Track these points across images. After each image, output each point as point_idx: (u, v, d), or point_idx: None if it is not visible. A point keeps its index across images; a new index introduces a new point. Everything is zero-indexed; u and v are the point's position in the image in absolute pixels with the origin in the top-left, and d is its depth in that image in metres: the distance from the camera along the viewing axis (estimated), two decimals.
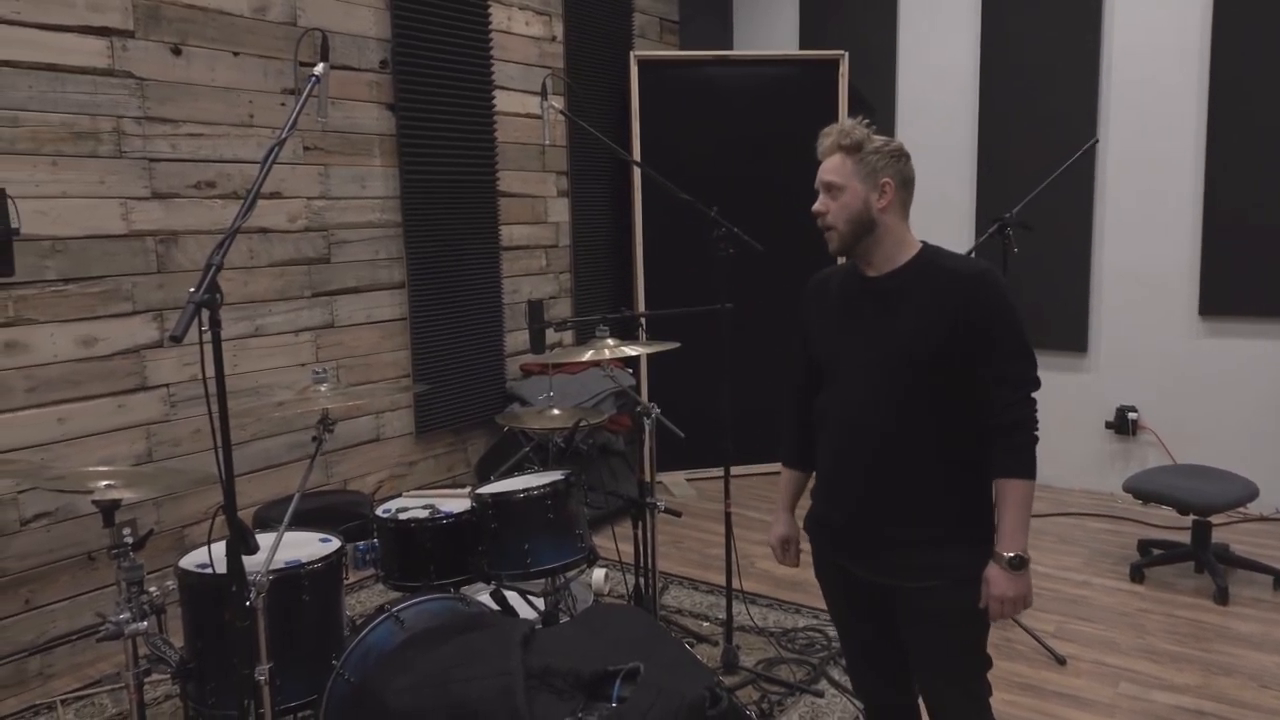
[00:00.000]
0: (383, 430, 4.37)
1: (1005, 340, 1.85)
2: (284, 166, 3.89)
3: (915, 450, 1.89)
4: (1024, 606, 1.88)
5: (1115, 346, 4.98)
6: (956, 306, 1.84)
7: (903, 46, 5.45)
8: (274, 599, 2.17)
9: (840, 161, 1.94)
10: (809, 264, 5.93)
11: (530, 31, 5.02)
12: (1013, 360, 1.86)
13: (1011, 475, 1.85)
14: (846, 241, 1.95)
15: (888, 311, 1.92)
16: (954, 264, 1.92)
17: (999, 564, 1.85)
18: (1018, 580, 1.85)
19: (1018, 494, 1.85)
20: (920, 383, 1.87)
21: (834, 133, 1.96)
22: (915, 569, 1.90)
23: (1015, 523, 1.85)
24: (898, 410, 1.89)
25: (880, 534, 1.94)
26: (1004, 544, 1.85)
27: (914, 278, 1.92)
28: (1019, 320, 1.87)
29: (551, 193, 5.22)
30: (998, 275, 1.90)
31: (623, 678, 1.84)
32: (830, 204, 1.95)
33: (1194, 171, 4.69)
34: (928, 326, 1.86)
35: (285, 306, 3.93)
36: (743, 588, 3.64)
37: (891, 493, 1.92)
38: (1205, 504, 3.76)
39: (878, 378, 1.91)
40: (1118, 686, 3.08)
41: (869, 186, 1.92)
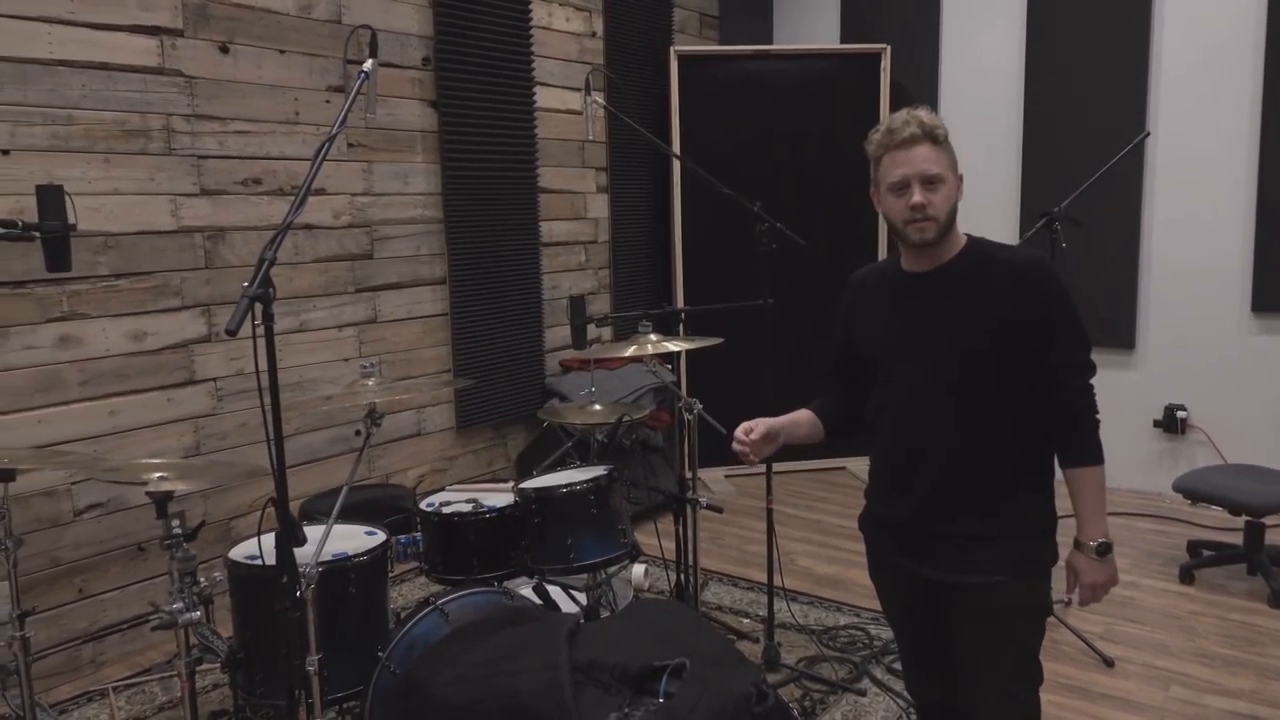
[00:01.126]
0: (424, 425, 4.41)
1: (1066, 328, 1.84)
2: (328, 163, 3.92)
3: (976, 445, 1.87)
4: (1110, 588, 1.91)
5: (1164, 344, 4.89)
6: (1012, 296, 1.82)
7: (946, 39, 5.38)
8: (322, 591, 2.19)
9: (936, 153, 1.86)
10: (850, 259, 5.86)
11: (570, 27, 5.02)
12: (1074, 348, 1.84)
13: (1084, 463, 1.85)
14: (943, 234, 1.88)
15: (941, 305, 1.89)
16: (1006, 254, 1.89)
17: (1085, 552, 1.86)
18: (1105, 566, 1.87)
19: (1092, 480, 1.85)
20: (978, 376, 1.85)
21: (915, 122, 1.85)
22: (978, 565, 1.87)
23: (1094, 509, 1.86)
24: (956, 405, 1.87)
25: (942, 531, 1.91)
26: (1087, 531, 1.86)
27: (965, 270, 1.89)
28: (1076, 307, 1.86)
29: (591, 189, 5.22)
30: (1051, 263, 1.87)
31: (670, 673, 1.84)
32: (930, 195, 1.85)
33: (1247, 164, 4.58)
34: (983, 318, 1.83)
35: (329, 302, 3.97)
36: (784, 585, 3.62)
37: (954, 489, 1.89)
38: (1259, 505, 3.68)
39: (935, 373, 1.88)
40: (1168, 690, 3.03)
41: (955, 179, 1.90)
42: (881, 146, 1.88)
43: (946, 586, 1.91)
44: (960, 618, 1.93)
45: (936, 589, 1.93)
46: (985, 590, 1.86)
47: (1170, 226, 4.82)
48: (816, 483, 5.23)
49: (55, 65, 3.11)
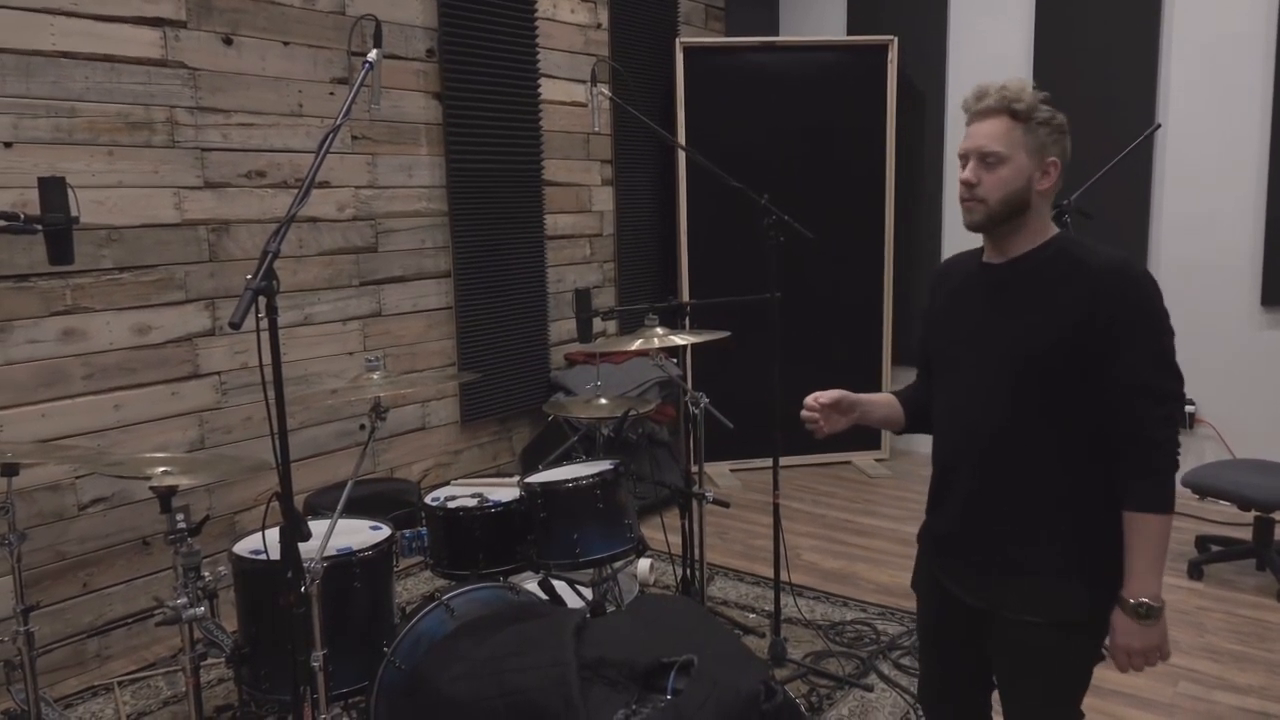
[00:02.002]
0: (428, 419, 4.39)
1: (1143, 344, 1.62)
2: (332, 156, 3.91)
3: (1024, 462, 1.70)
4: (1158, 659, 1.66)
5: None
6: (1083, 301, 1.62)
7: (953, 31, 5.34)
8: (327, 586, 2.18)
9: (1007, 128, 1.67)
10: (857, 252, 5.88)
11: (575, 19, 4.99)
12: (1153, 370, 1.62)
13: (1146, 509, 1.61)
14: (994, 219, 1.69)
15: (1006, 303, 1.72)
16: (1086, 254, 1.66)
17: (1125, 611, 1.63)
18: (1147, 631, 1.63)
19: (1150, 530, 1.60)
20: (1037, 385, 1.67)
21: (994, 93, 1.69)
22: (1018, 599, 1.70)
23: (1146, 563, 1.61)
24: (1011, 414, 1.70)
25: (985, 551, 1.75)
26: (1131, 587, 1.62)
27: (1040, 267, 1.69)
28: (1161, 325, 1.64)
29: (596, 181, 5.20)
30: (1140, 271, 1.65)
31: (678, 670, 1.82)
32: (984, 174, 1.68)
33: (1258, 157, 4.54)
34: (1047, 321, 1.65)
35: (333, 295, 3.95)
36: (790, 580, 3.61)
37: (1001, 507, 1.72)
38: (1268, 500, 3.66)
39: (991, 376, 1.72)
40: (1177, 686, 3.01)
41: (1035, 163, 1.67)
42: (967, 116, 1.75)
43: (985, 612, 1.76)
44: (995, 647, 1.78)
45: (975, 612, 1.78)
46: (1019, 627, 1.70)
47: (1180, 220, 4.78)
48: (823, 477, 5.22)
49: (58, 57, 3.10)
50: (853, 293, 5.41)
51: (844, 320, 5.42)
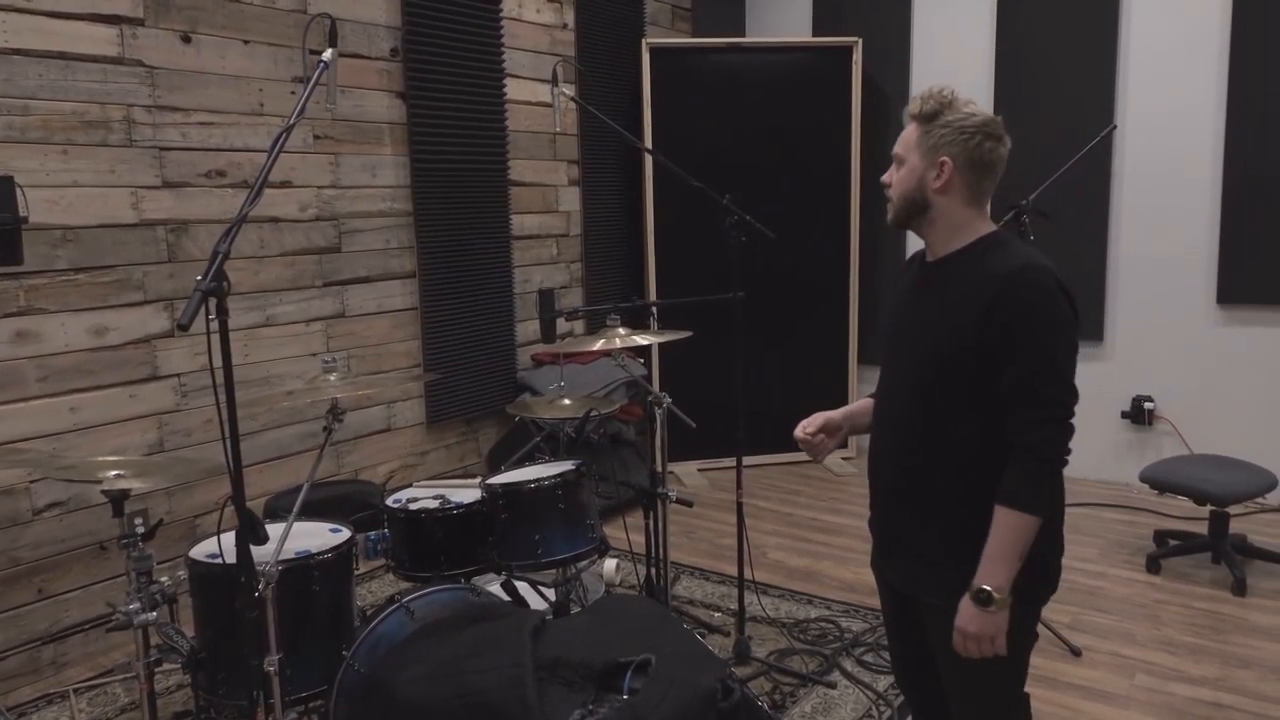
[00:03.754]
0: (394, 420, 4.37)
1: (1030, 351, 1.65)
2: (294, 155, 3.88)
3: (937, 456, 1.76)
4: (993, 651, 1.70)
5: (1132, 335, 4.93)
6: (984, 305, 1.66)
7: (917, 32, 5.39)
8: (284, 589, 2.16)
9: (913, 131, 1.79)
10: (824, 251, 5.92)
11: (541, 19, 4.98)
12: (1037, 376, 1.65)
13: (1008, 503, 1.66)
14: (898, 217, 1.83)
15: (928, 302, 1.80)
16: (998, 258, 1.71)
17: (968, 593, 1.69)
18: (984, 618, 1.67)
19: (1008, 524, 1.66)
20: (945, 383, 1.73)
21: (918, 99, 1.80)
22: (926, 582, 1.81)
23: (994, 552, 1.66)
24: (923, 410, 1.77)
25: (901, 540, 1.86)
26: (978, 573, 1.68)
27: (957, 269, 1.76)
28: (1055, 333, 1.67)
29: (562, 181, 5.19)
30: (1043, 276, 1.68)
31: (634, 669, 1.83)
32: (893, 174, 1.82)
33: (1212, 158, 4.62)
34: (955, 323, 1.70)
35: (296, 296, 3.92)
36: (754, 578, 3.63)
37: (910, 498, 1.82)
38: (1223, 494, 3.72)
39: (909, 372, 1.81)
40: (1134, 678, 3.05)
41: (927, 163, 1.76)
42: None
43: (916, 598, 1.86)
44: (930, 632, 1.85)
45: (906, 596, 1.89)
46: (934, 612, 1.80)
47: (1138, 219, 4.86)
48: (790, 475, 5.24)
49: (10, 54, 3.04)
50: (819, 292, 5.44)
51: (810, 319, 5.45)
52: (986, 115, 1.77)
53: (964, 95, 1.80)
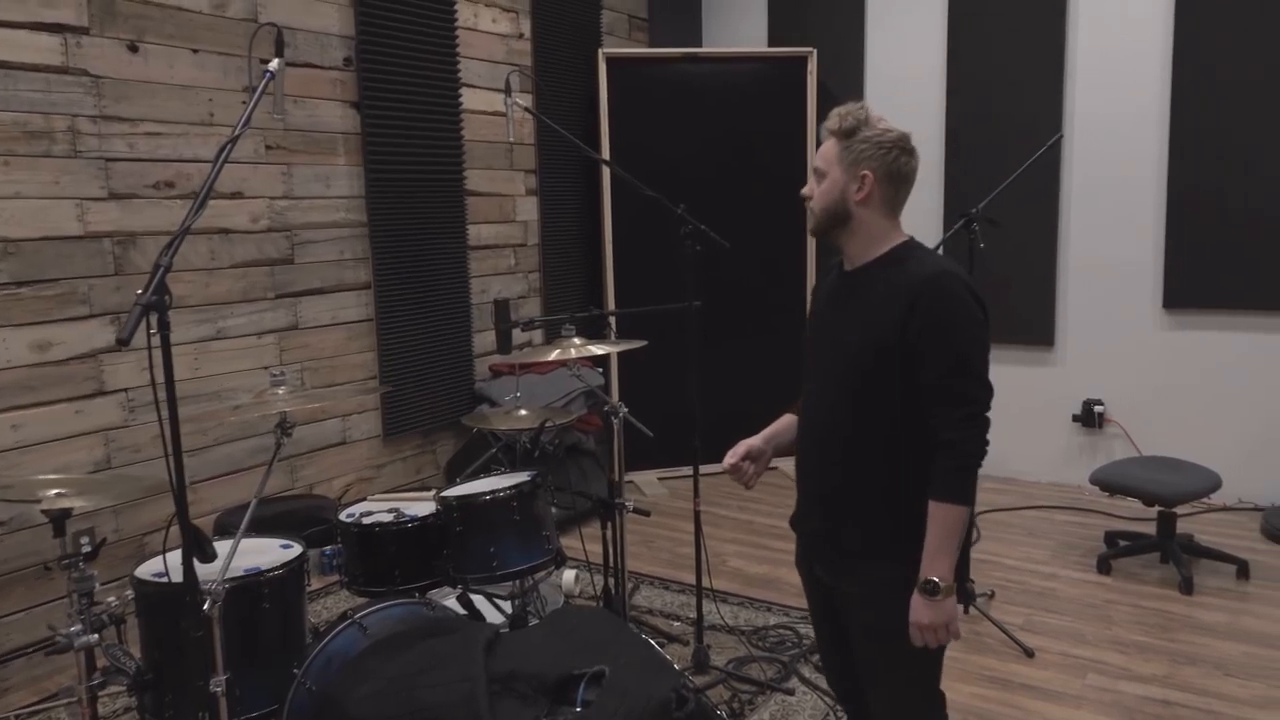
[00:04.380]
0: (349, 433, 4.32)
1: (946, 351, 1.74)
2: (245, 166, 3.83)
3: (863, 456, 1.85)
4: (947, 637, 1.80)
5: (1082, 340, 5.02)
6: (903, 309, 1.76)
7: (870, 44, 5.46)
8: (233, 607, 2.13)
9: (833, 146, 1.86)
10: (780, 260, 5.96)
11: (497, 29, 4.97)
12: (954, 375, 1.74)
13: (939, 498, 1.76)
14: (820, 226, 1.90)
15: (849, 309, 1.88)
16: (914, 264, 1.81)
17: (917, 588, 1.78)
18: (933, 608, 1.76)
19: (942, 517, 1.76)
20: (869, 387, 1.82)
21: (835, 115, 1.87)
22: (855, 578, 1.88)
23: (934, 546, 1.76)
24: (848, 412, 1.85)
25: (826, 535, 1.93)
26: (923, 567, 1.78)
27: (877, 275, 1.85)
28: (967, 334, 1.76)
29: (520, 191, 5.18)
30: (954, 282, 1.76)
31: (588, 681, 1.82)
32: (814, 187, 1.89)
33: (1157, 167, 4.73)
34: (878, 327, 1.79)
35: (248, 308, 3.86)
36: (713, 587, 3.63)
37: (840, 496, 1.89)
38: (1169, 495, 3.80)
39: (835, 376, 1.88)
40: (1085, 678, 3.10)
41: (849, 176, 1.84)
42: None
43: (839, 592, 1.93)
44: (853, 627, 1.93)
45: (833, 590, 1.95)
46: (861, 605, 1.88)
47: (1086, 226, 4.95)
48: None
49: None
50: (775, 300, 5.48)
51: (767, 327, 5.48)
52: (900, 131, 1.86)
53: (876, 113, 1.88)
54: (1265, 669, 3.12)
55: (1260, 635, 3.35)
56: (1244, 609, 3.57)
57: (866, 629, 1.90)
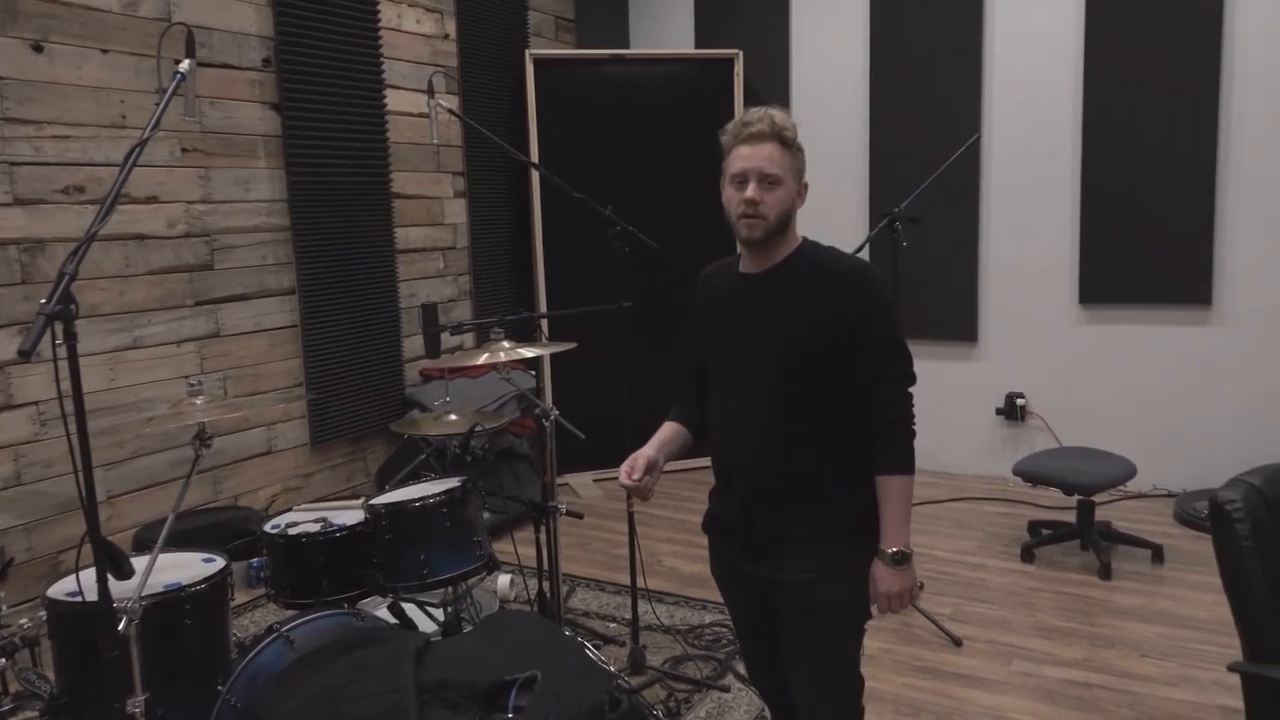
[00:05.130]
0: (275, 442, 4.22)
1: (881, 338, 1.86)
2: (160, 169, 3.72)
3: (797, 446, 1.89)
4: (910, 601, 1.91)
5: (1003, 336, 5.16)
6: (834, 304, 1.84)
7: (795, 46, 5.53)
8: (152, 624, 2.07)
9: (780, 153, 1.86)
10: (709, 261, 5.95)
11: (421, 29, 4.91)
12: (889, 357, 1.87)
13: (892, 471, 1.86)
14: (771, 235, 1.89)
15: (769, 309, 1.91)
16: (831, 260, 1.91)
17: (883, 560, 1.87)
18: (902, 575, 1.87)
19: (898, 489, 1.86)
20: (803, 381, 1.87)
21: (767, 120, 1.86)
22: (794, 563, 1.90)
23: (897, 518, 1.86)
24: (779, 406, 1.89)
25: (766, 530, 1.94)
26: (887, 540, 1.87)
27: (795, 274, 1.91)
28: (894, 317, 1.88)
29: (448, 193, 5.13)
30: (874, 272, 1.90)
31: (519, 687, 1.80)
32: (765, 194, 1.85)
33: (1072, 166, 4.88)
34: (807, 324, 1.86)
35: (166, 316, 3.75)
36: (648, 587, 3.64)
37: (774, 488, 1.92)
38: (1088, 484, 3.93)
39: (761, 374, 1.91)
40: (1011, 664, 3.19)
41: (796, 185, 1.90)
42: (733, 138, 1.90)
43: (770, 584, 1.95)
44: (782, 617, 1.96)
45: (763, 586, 1.97)
46: (799, 588, 1.90)
47: (1006, 225, 5.09)
48: (683, 482, 5.28)
49: None
50: None
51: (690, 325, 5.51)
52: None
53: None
54: (1178, 649, 3.24)
55: (1174, 616, 3.49)
56: (1158, 591, 3.70)
57: (807, 613, 1.91)
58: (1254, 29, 4.42)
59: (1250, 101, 4.46)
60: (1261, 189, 4.49)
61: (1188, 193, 4.60)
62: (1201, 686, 2.99)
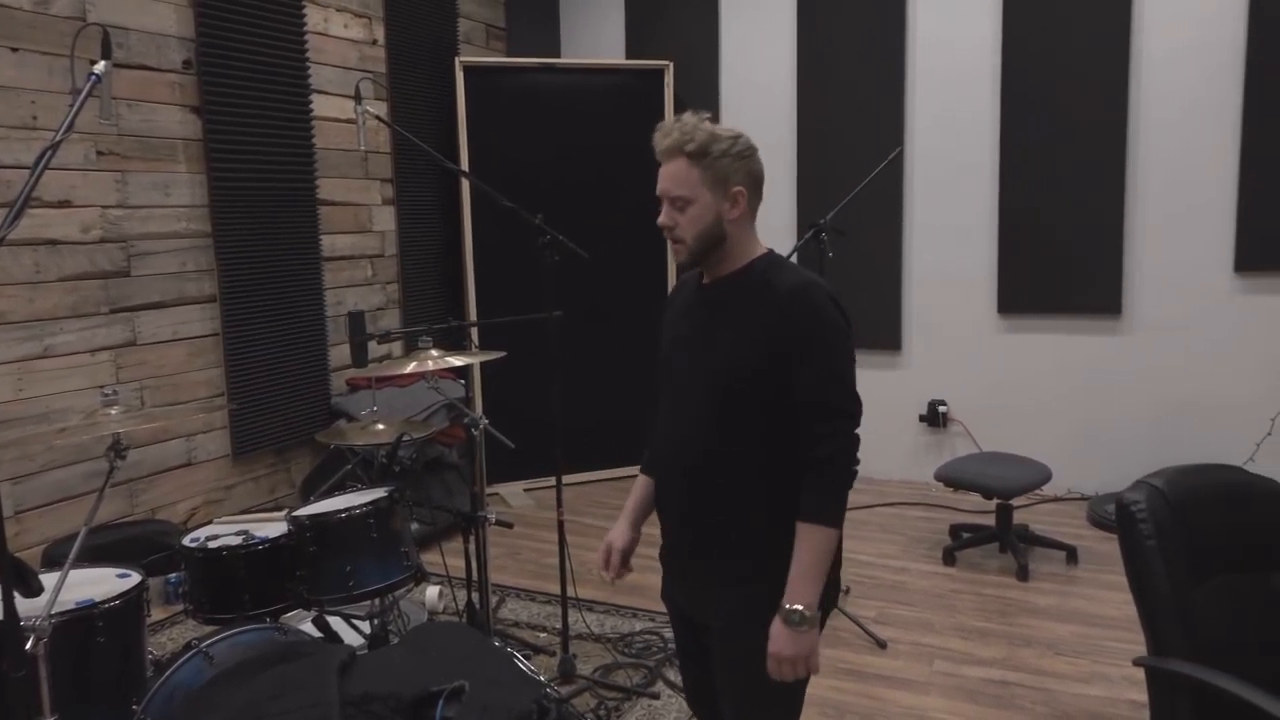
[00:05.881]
0: (195, 454, 4.11)
1: (817, 364, 1.66)
2: (74, 173, 3.60)
3: (732, 477, 1.73)
4: (806, 671, 1.66)
5: (925, 344, 5.30)
6: (771, 324, 1.67)
7: (725, 57, 5.61)
8: (63, 643, 2.00)
9: (686, 169, 1.70)
10: (640, 270, 6.02)
11: (349, 34, 4.85)
12: (825, 387, 1.67)
13: (808, 519, 1.65)
14: (696, 256, 1.76)
15: (711, 324, 1.77)
16: (777, 277, 1.72)
17: (779, 615, 1.65)
18: (797, 639, 1.63)
19: (811, 540, 1.64)
20: (737, 404, 1.70)
21: (674, 133, 1.71)
22: (718, 606, 1.77)
23: (802, 571, 1.64)
24: (711, 430, 1.73)
25: (692, 565, 1.83)
26: (788, 594, 1.65)
27: (738, 289, 1.75)
28: (837, 345, 1.69)
29: (376, 201, 5.06)
30: (820, 293, 1.69)
31: (446, 697, 1.79)
32: (677, 217, 1.72)
33: (990, 181, 5.04)
34: (744, 344, 1.69)
35: (79, 324, 3.63)
36: (578, 596, 3.64)
37: (704, 522, 1.78)
38: (1006, 488, 4.05)
39: (696, 393, 1.76)
40: (933, 665, 3.27)
41: (719, 196, 1.71)
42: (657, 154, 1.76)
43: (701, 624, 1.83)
44: (714, 655, 1.82)
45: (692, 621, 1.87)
46: (729, 635, 1.76)
47: (927, 236, 5.23)
48: (615, 491, 5.29)
49: None
50: (636, 309, 5.53)
51: (629, 337, 5.53)
52: (740, 131, 1.76)
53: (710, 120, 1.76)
54: (1092, 647, 3.36)
55: (1087, 615, 3.61)
56: (1073, 591, 3.84)
57: (735, 659, 1.76)
58: (1158, 51, 4.63)
59: (1156, 119, 4.67)
60: (1167, 205, 4.70)
61: (1099, 208, 4.79)
62: (1112, 682, 3.11)
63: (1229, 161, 4.55)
